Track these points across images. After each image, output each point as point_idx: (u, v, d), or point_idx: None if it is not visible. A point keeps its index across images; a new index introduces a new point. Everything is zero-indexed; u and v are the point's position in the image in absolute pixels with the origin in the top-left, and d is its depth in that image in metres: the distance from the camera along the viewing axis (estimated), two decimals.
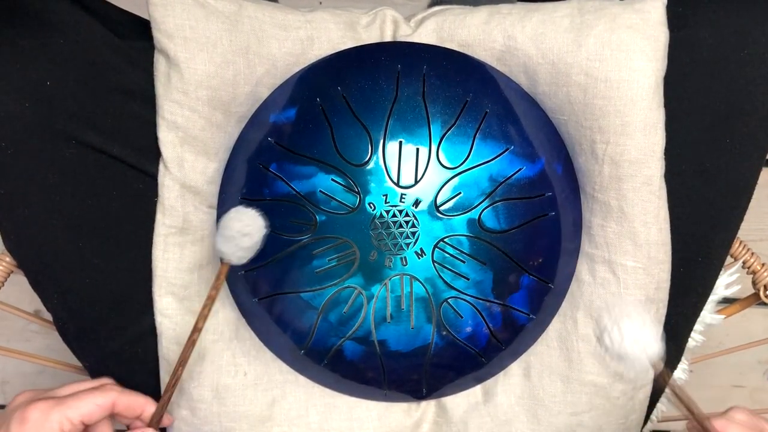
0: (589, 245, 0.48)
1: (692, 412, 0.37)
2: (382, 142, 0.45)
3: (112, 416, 0.42)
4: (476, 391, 0.51)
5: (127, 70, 0.44)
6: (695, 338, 0.56)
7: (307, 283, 0.46)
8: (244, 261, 0.42)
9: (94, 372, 0.47)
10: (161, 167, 0.45)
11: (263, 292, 0.48)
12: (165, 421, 0.44)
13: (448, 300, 0.47)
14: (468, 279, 0.46)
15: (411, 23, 0.49)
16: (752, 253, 0.53)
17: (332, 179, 0.45)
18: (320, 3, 0.99)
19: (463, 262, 0.46)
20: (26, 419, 0.37)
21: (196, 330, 0.42)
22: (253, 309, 0.49)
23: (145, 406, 0.42)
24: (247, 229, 0.41)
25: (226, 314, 0.48)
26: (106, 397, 0.40)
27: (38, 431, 0.37)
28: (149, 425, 0.42)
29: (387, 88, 0.46)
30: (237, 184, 0.47)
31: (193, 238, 0.47)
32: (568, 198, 0.48)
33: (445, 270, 0.46)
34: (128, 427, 0.43)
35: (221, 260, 0.42)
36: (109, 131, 0.44)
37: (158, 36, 0.44)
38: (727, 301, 0.56)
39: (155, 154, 0.45)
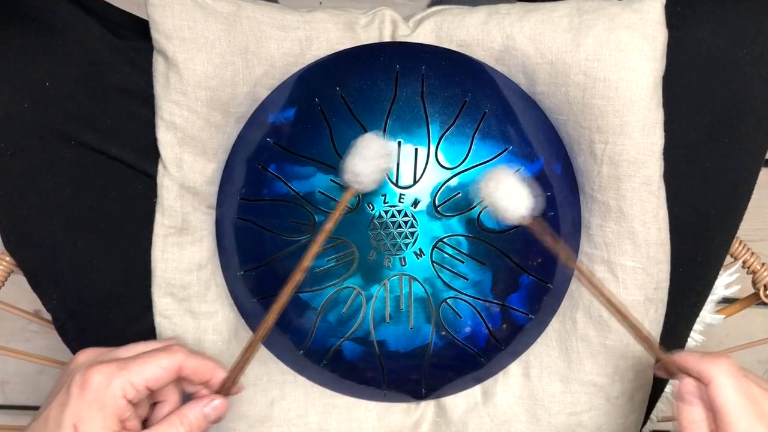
0: (588, 245, 0.48)
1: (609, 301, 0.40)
2: None
3: (178, 381, 0.39)
4: (475, 391, 0.51)
5: (126, 70, 0.44)
6: (695, 338, 0.56)
7: (306, 284, 0.46)
8: (371, 188, 0.41)
9: None
10: (160, 168, 0.45)
11: (262, 292, 0.48)
12: (234, 390, 0.40)
13: (447, 300, 0.47)
14: (467, 279, 0.46)
15: (410, 23, 0.49)
16: (752, 253, 0.53)
17: (331, 179, 0.45)
18: (320, 3, 0.99)
19: (462, 262, 0.46)
20: (87, 384, 0.35)
21: (301, 270, 0.39)
22: (252, 309, 0.49)
23: (215, 371, 0.39)
24: (385, 151, 0.41)
25: (225, 314, 0.48)
26: (173, 359, 0.37)
27: (100, 398, 0.35)
28: (218, 392, 0.39)
29: (386, 89, 0.46)
30: (236, 184, 0.47)
31: (192, 238, 0.47)
32: (567, 198, 0.48)
33: (444, 270, 0.46)
34: (193, 395, 0.40)
35: (347, 186, 0.41)
36: (109, 131, 0.44)
37: (157, 36, 0.44)
38: (727, 301, 0.56)
39: (154, 155, 0.45)
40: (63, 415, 0.35)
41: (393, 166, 0.42)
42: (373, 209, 0.45)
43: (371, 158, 0.40)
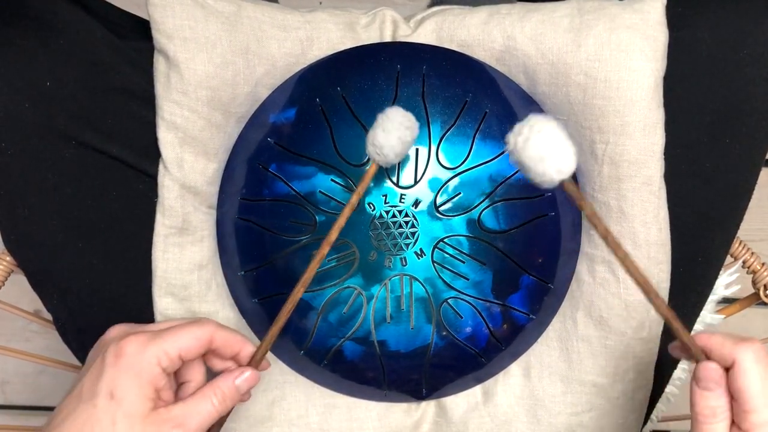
0: (588, 245, 0.48)
1: (641, 283, 0.36)
2: None
3: (208, 355, 0.40)
4: (476, 391, 0.51)
5: (127, 70, 0.44)
6: None
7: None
8: (395, 162, 0.41)
9: None
10: (161, 167, 0.45)
11: (263, 292, 0.48)
12: (264, 365, 0.41)
13: (448, 300, 0.47)
14: (468, 279, 0.46)
15: (410, 23, 0.49)
16: (752, 253, 0.53)
17: (332, 179, 0.45)
18: (320, 3, 0.99)
19: (463, 262, 0.46)
20: (122, 353, 0.35)
21: (328, 243, 0.40)
22: (252, 309, 0.49)
23: (244, 345, 0.40)
24: (408, 123, 0.40)
25: (225, 314, 0.48)
26: (204, 329, 0.38)
27: (135, 365, 0.35)
28: (249, 365, 0.40)
29: (386, 89, 0.46)
30: (237, 184, 0.47)
31: (192, 238, 0.47)
32: (568, 198, 0.48)
33: (444, 270, 0.46)
34: (222, 373, 0.40)
35: (370, 159, 0.41)
36: (109, 131, 0.44)
37: (158, 36, 0.44)
38: (727, 301, 0.56)
39: (155, 155, 0.45)
40: (98, 384, 0.35)
41: (415, 138, 0.41)
42: (374, 209, 0.45)
43: (393, 130, 0.39)
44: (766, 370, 0.34)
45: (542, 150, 0.34)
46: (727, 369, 0.35)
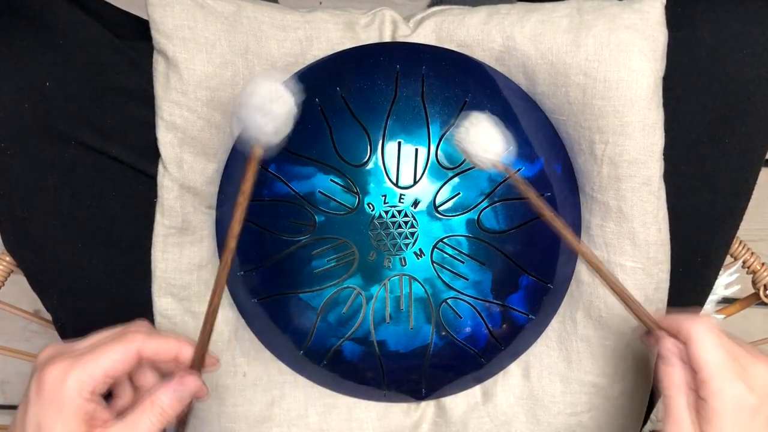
0: (588, 245, 0.48)
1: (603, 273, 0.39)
2: (381, 142, 0.45)
3: (149, 364, 0.38)
4: (475, 391, 0.51)
5: (126, 70, 0.44)
6: None
7: (307, 284, 0.46)
8: (277, 139, 0.35)
9: None
10: (160, 168, 0.45)
11: (262, 292, 0.48)
12: (209, 363, 0.39)
13: (448, 300, 0.47)
14: (467, 279, 0.46)
15: (410, 23, 0.49)
16: (752, 253, 0.53)
17: (331, 180, 0.45)
18: (320, 3, 0.99)
19: (462, 262, 0.46)
20: (42, 385, 0.34)
21: (233, 237, 0.37)
22: (252, 309, 0.49)
23: (180, 348, 0.37)
24: (277, 94, 0.34)
25: (225, 314, 0.48)
26: (128, 346, 0.36)
27: (56, 398, 0.34)
28: (191, 367, 0.38)
29: (386, 89, 0.46)
30: (236, 184, 0.47)
31: (192, 238, 0.47)
32: (567, 198, 0.48)
33: (444, 270, 0.46)
34: (170, 375, 0.38)
35: (250, 145, 0.35)
36: (109, 132, 0.44)
37: (157, 36, 0.44)
38: (727, 301, 0.56)
39: (155, 155, 0.45)
40: (26, 418, 0.34)
41: (293, 110, 0.34)
42: (374, 209, 0.45)
43: (258, 107, 0.34)
44: (719, 340, 0.36)
45: (474, 140, 0.39)
46: (685, 345, 0.37)
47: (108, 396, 0.38)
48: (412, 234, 0.46)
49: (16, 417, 0.35)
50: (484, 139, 0.39)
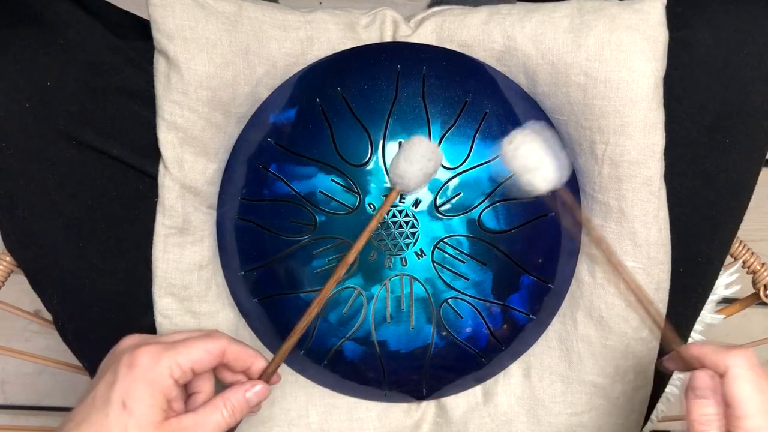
0: (589, 245, 0.48)
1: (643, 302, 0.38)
2: (381, 142, 0.45)
3: (219, 368, 0.40)
4: (476, 391, 0.51)
5: (127, 70, 0.44)
6: (695, 338, 0.56)
7: (307, 284, 0.46)
8: (414, 189, 0.42)
9: (94, 372, 0.47)
10: (161, 168, 0.45)
11: (263, 292, 0.48)
12: (275, 379, 0.42)
13: (448, 300, 0.47)
14: (468, 279, 0.46)
15: (411, 23, 0.49)
16: (752, 253, 0.53)
17: (332, 180, 0.45)
18: (320, 3, 0.99)
19: (463, 262, 0.46)
20: (135, 363, 0.36)
21: (345, 264, 0.41)
22: (253, 309, 0.49)
23: (255, 359, 0.40)
24: (431, 155, 0.41)
25: (225, 314, 0.48)
26: (217, 343, 0.38)
27: (148, 375, 0.36)
28: (260, 378, 0.40)
29: (387, 89, 0.46)
30: (237, 184, 0.47)
31: (193, 238, 0.47)
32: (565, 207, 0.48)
33: (444, 270, 0.46)
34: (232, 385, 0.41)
35: (393, 185, 0.42)
36: (109, 132, 0.44)
37: (158, 36, 0.44)
38: (727, 301, 0.56)
39: (155, 155, 0.45)
40: (111, 393, 0.35)
41: (437, 169, 0.42)
42: (374, 209, 0.45)
43: (416, 162, 0.40)
44: (757, 376, 0.34)
45: (529, 161, 0.37)
46: (721, 377, 0.35)
47: None
48: (413, 234, 0.46)
49: (93, 394, 0.36)
50: (539, 163, 0.37)
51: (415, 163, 0.40)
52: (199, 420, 0.37)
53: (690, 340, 0.54)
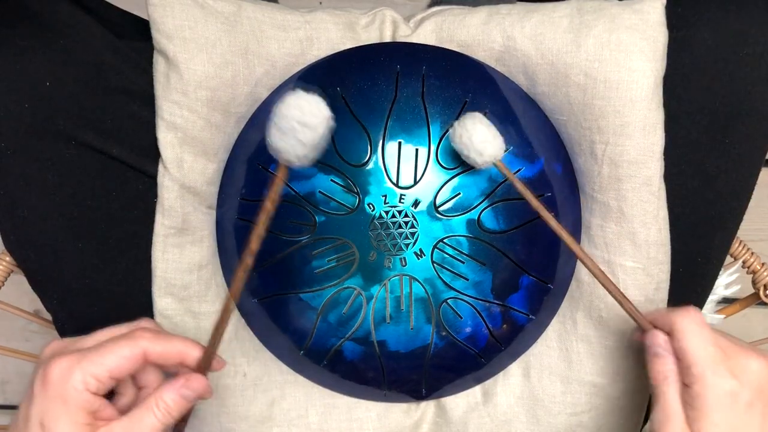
0: (588, 246, 0.48)
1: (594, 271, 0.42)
2: (381, 142, 0.45)
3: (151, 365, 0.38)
4: (476, 391, 0.51)
5: (126, 70, 0.44)
6: None
7: (307, 284, 0.46)
8: (305, 162, 0.36)
9: None
10: (160, 168, 0.45)
11: (263, 292, 0.48)
12: (216, 365, 0.39)
13: (448, 300, 0.47)
14: (467, 279, 0.46)
15: (410, 24, 0.49)
16: (752, 253, 0.53)
17: (331, 180, 0.45)
18: (320, 3, 0.99)
19: (463, 262, 0.46)
20: (48, 380, 0.34)
21: (250, 254, 0.37)
22: (252, 309, 0.49)
23: (186, 352, 0.38)
24: (307, 119, 0.34)
25: None
26: (134, 346, 0.36)
27: (61, 393, 0.34)
28: (197, 371, 0.38)
29: (386, 89, 0.46)
30: (236, 184, 0.47)
31: (192, 238, 0.47)
32: (568, 198, 0.48)
33: (444, 270, 0.46)
34: (175, 375, 0.38)
35: (278, 162, 0.36)
36: (109, 131, 0.44)
37: (157, 36, 0.44)
38: (727, 301, 0.56)
39: (155, 155, 0.45)
40: (30, 412, 0.34)
41: (325, 133, 0.35)
42: (374, 209, 0.45)
43: (288, 131, 0.34)
44: (706, 332, 0.37)
45: (466, 141, 0.42)
46: (669, 335, 0.39)
47: (110, 394, 0.38)
48: (413, 234, 0.46)
49: (20, 412, 0.35)
50: (479, 140, 0.41)
51: (288, 133, 0.34)
52: (130, 426, 0.35)
53: None
